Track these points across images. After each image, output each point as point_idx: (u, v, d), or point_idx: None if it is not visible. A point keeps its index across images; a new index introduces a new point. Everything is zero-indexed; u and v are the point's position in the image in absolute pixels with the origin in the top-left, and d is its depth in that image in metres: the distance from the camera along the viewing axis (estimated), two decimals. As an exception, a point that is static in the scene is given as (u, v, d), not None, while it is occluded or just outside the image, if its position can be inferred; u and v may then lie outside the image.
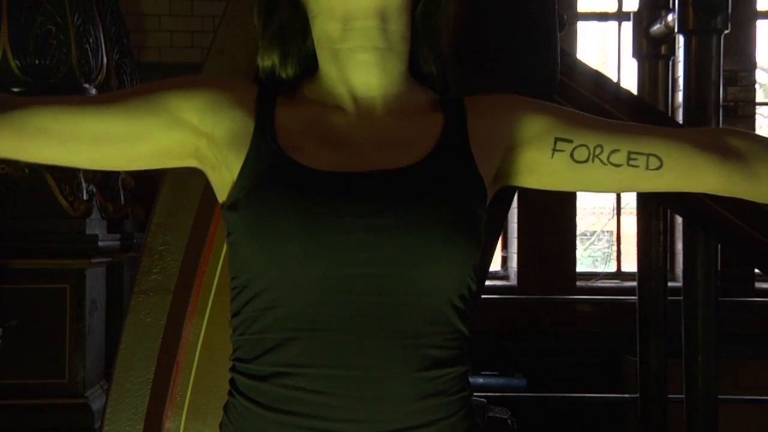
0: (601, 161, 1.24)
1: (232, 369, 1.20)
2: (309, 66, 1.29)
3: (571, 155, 1.24)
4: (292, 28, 1.27)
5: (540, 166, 1.26)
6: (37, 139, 1.18)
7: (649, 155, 1.24)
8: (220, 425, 1.23)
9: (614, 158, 1.24)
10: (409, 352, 1.12)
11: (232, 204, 1.17)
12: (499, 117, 1.25)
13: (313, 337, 1.11)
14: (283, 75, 1.28)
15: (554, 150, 1.24)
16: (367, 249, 1.11)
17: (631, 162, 1.24)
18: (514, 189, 1.36)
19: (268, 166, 1.16)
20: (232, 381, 1.20)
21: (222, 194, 1.22)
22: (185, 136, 1.21)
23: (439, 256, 1.12)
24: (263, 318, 1.14)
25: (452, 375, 1.16)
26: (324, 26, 1.22)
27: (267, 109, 1.22)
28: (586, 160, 1.24)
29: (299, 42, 1.28)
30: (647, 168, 1.24)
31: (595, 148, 1.24)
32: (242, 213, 1.15)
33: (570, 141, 1.24)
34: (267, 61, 1.28)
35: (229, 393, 1.20)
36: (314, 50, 1.27)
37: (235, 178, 1.18)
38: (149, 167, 1.27)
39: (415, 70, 1.29)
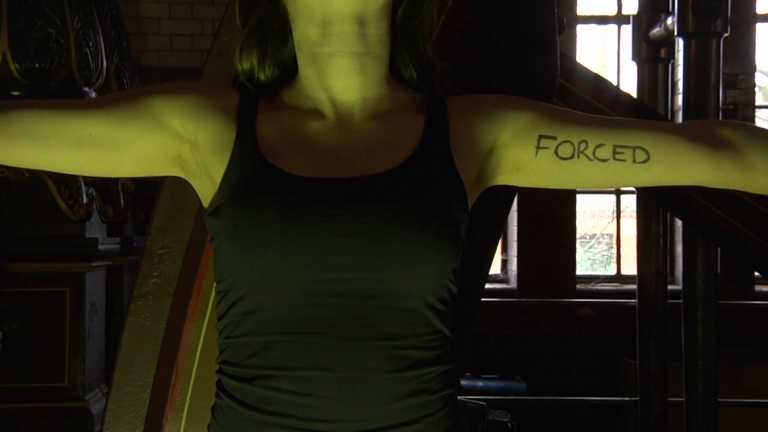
0: (587, 157, 1.22)
1: (219, 371, 1.21)
2: (288, 70, 1.30)
3: (556, 152, 1.23)
4: (271, 27, 1.28)
5: (525, 164, 1.25)
6: (20, 142, 1.19)
7: (635, 148, 1.22)
8: (208, 426, 1.24)
9: (600, 153, 1.22)
10: (388, 352, 1.13)
11: (214, 210, 1.18)
12: (481, 117, 1.25)
13: (294, 340, 1.13)
14: (262, 77, 1.29)
15: (538, 147, 1.23)
16: (345, 253, 1.12)
17: (617, 156, 1.22)
18: (513, 190, 1.36)
19: (249, 172, 1.17)
20: (218, 383, 1.21)
21: (205, 201, 1.23)
22: (168, 140, 1.22)
23: (415, 259, 1.13)
24: (246, 322, 1.16)
25: (434, 374, 1.17)
26: (303, 30, 1.23)
27: (249, 114, 1.23)
28: (572, 157, 1.22)
29: (277, 42, 1.29)
30: (634, 161, 1.22)
31: (579, 143, 1.22)
32: (224, 219, 1.16)
33: (554, 138, 1.23)
34: (245, 63, 1.29)
35: (216, 395, 1.22)
36: (293, 54, 1.28)
37: (217, 185, 1.19)
38: (131, 174, 1.26)
39: (397, 72, 1.30)
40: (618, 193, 6.79)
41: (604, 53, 7.62)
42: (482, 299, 2.73)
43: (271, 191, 1.15)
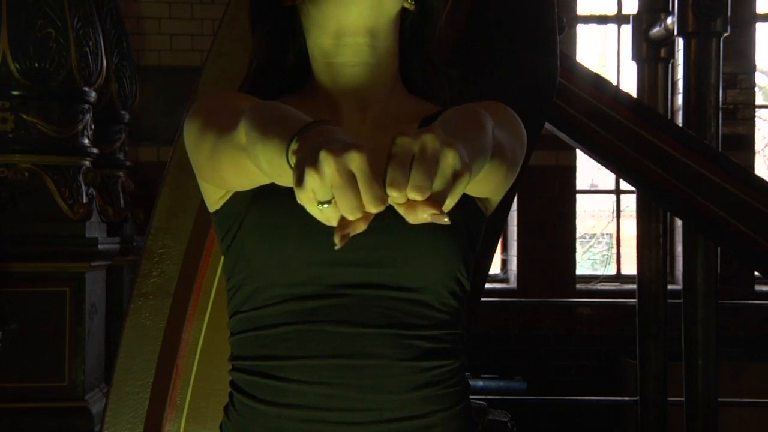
0: None
1: (232, 369, 1.22)
2: (298, 76, 1.32)
3: None
4: (282, 35, 1.30)
5: None
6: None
7: None
8: (220, 426, 1.24)
9: None
10: (400, 340, 1.14)
11: (233, 207, 1.20)
12: None
13: (307, 329, 1.14)
14: (269, 81, 1.31)
15: None
16: (359, 248, 1.13)
17: None
18: (513, 191, 1.36)
19: None
20: (231, 382, 1.23)
21: (217, 204, 1.24)
22: None
23: (424, 252, 1.15)
24: (260, 316, 1.18)
25: (446, 368, 1.18)
26: (317, 40, 1.26)
27: None
28: None
29: (287, 49, 1.31)
30: None
31: None
32: (250, 215, 1.18)
33: None
34: (253, 65, 1.31)
35: (229, 393, 1.23)
36: (301, 61, 1.30)
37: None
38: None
39: (412, 82, 1.32)
40: (618, 192, 6.79)
41: (604, 53, 7.63)
42: (482, 299, 2.73)
43: (289, 192, 1.16)
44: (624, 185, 6.43)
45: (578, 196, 6.54)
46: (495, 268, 6.54)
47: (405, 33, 1.29)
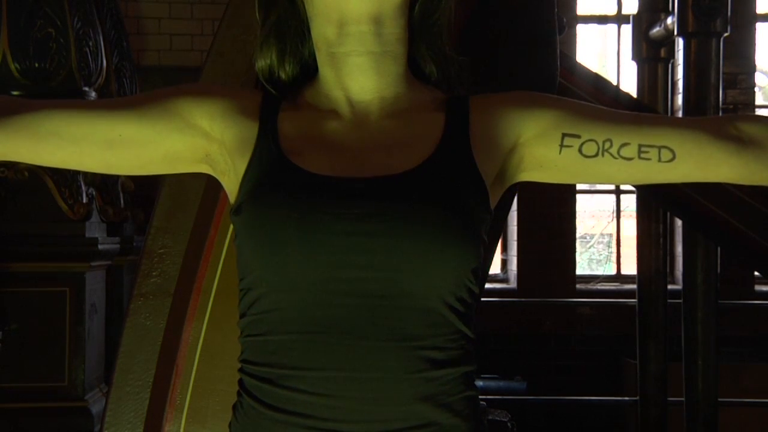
0: (612, 155, 1.21)
1: (240, 370, 1.21)
2: (308, 69, 1.30)
3: (580, 150, 1.22)
4: (289, 25, 1.28)
5: (548, 162, 1.24)
6: (50, 142, 1.20)
7: (660, 147, 1.21)
8: (229, 425, 1.24)
9: (625, 152, 1.21)
10: (406, 353, 1.13)
11: (236, 208, 1.19)
12: (503, 114, 1.24)
13: (313, 339, 1.13)
14: (282, 75, 1.29)
15: (562, 146, 1.22)
16: (362, 252, 1.12)
17: (643, 155, 1.21)
18: (514, 191, 1.36)
19: (268, 169, 1.18)
20: (240, 381, 1.22)
21: (232, 199, 1.24)
22: (196, 140, 1.24)
23: (431, 257, 1.12)
24: (265, 320, 1.16)
25: (453, 375, 1.16)
26: (320, 29, 1.23)
27: (270, 114, 1.24)
28: (596, 155, 1.22)
29: (296, 40, 1.29)
30: (660, 160, 1.21)
31: (604, 142, 1.21)
32: (243, 216, 1.17)
33: (578, 136, 1.22)
34: (265, 60, 1.29)
35: (238, 393, 1.22)
36: (314, 53, 1.27)
37: (240, 183, 1.20)
38: (160, 172, 1.28)
39: (418, 70, 1.29)
40: (618, 192, 6.79)
41: (604, 53, 7.62)
42: (482, 299, 2.73)
43: (290, 189, 1.15)
44: (624, 185, 6.43)
45: (578, 196, 6.54)
46: (495, 268, 6.54)
47: (414, 18, 1.26)
